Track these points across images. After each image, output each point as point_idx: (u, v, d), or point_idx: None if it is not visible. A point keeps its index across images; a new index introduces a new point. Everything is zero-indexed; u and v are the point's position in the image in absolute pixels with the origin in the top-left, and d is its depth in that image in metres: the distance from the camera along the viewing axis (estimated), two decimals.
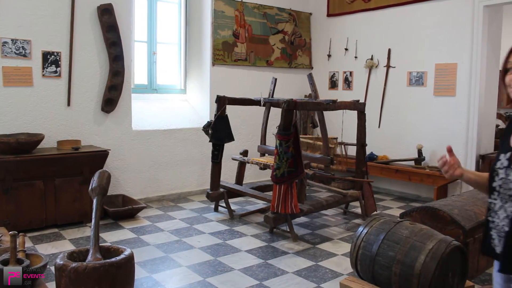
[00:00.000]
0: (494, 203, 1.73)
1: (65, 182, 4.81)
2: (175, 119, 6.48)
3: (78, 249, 2.97)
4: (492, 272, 3.80)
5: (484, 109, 5.85)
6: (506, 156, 1.71)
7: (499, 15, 5.93)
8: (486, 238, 1.79)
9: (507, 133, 1.83)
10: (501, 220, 1.69)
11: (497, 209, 1.71)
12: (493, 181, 1.74)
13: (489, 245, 1.76)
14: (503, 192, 1.69)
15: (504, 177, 1.69)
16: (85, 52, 5.37)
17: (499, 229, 1.70)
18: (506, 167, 1.69)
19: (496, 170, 1.73)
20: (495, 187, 1.73)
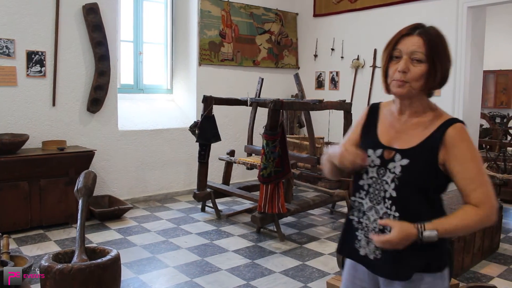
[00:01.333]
0: (362, 202, 1.63)
1: (50, 183, 4.76)
2: (161, 119, 6.45)
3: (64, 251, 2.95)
4: (476, 270, 3.86)
5: (468, 108, 5.92)
6: (376, 153, 1.59)
7: (482, 16, 6.01)
8: (347, 237, 1.69)
9: (371, 124, 1.70)
10: (371, 222, 1.59)
11: (366, 209, 1.61)
12: (360, 179, 1.64)
13: (351, 245, 1.66)
14: (373, 192, 1.59)
15: (375, 177, 1.58)
16: (70, 52, 5.32)
17: (368, 231, 1.60)
18: (378, 166, 1.58)
19: (365, 168, 1.60)
20: (362, 185, 1.62)
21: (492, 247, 4.33)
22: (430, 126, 1.54)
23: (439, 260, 1.57)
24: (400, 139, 1.58)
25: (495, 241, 4.39)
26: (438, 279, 1.57)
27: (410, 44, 1.50)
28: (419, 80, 1.50)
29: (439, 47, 1.51)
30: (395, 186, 1.53)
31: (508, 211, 5.76)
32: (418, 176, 1.51)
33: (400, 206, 1.53)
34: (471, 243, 3.90)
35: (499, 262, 4.14)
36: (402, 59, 1.50)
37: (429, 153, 1.51)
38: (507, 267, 4.03)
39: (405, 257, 1.52)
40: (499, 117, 8.36)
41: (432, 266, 1.55)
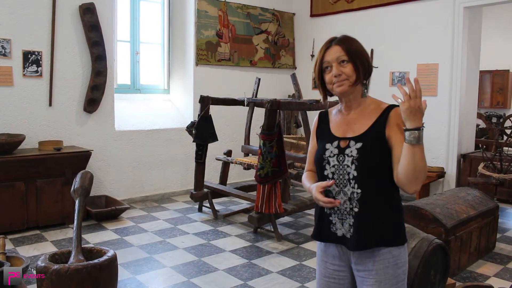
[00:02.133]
0: (329, 189, 1.82)
1: (46, 183, 4.75)
2: (158, 119, 6.45)
3: (60, 251, 2.94)
4: (473, 270, 3.87)
5: (464, 108, 5.93)
6: (333, 145, 1.85)
7: (478, 16, 6.03)
8: (321, 224, 1.88)
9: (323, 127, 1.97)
10: (342, 204, 1.79)
11: (335, 195, 1.81)
12: (324, 170, 1.86)
13: (327, 230, 1.85)
14: (338, 178, 1.81)
15: (337, 164, 1.81)
16: (67, 52, 5.31)
17: (341, 213, 1.80)
18: (337, 155, 1.82)
19: (325, 159, 1.85)
20: (327, 174, 1.84)
21: (489, 247, 4.35)
22: (375, 113, 1.83)
23: (401, 234, 1.80)
24: (351, 129, 1.85)
25: (492, 241, 4.40)
26: (402, 251, 1.80)
27: (334, 53, 1.84)
28: (353, 75, 1.81)
29: (353, 46, 1.86)
30: (355, 166, 1.77)
31: (504, 211, 5.78)
32: (372, 153, 1.76)
33: (361, 183, 1.76)
34: (467, 242, 3.91)
35: (495, 262, 4.15)
36: (333, 67, 1.82)
37: (378, 133, 1.78)
38: (503, 267, 4.04)
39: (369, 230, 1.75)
40: (495, 117, 8.39)
41: (396, 240, 1.78)
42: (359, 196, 1.75)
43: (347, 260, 1.85)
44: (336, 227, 1.82)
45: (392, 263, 1.76)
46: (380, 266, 1.76)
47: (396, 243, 1.78)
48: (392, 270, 1.76)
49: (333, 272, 1.89)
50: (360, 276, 1.80)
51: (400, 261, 1.78)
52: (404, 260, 1.80)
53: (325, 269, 1.91)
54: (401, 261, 1.79)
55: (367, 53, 1.90)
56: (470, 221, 3.92)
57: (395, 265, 1.77)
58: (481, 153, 5.50)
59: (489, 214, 4.25)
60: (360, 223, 1.76)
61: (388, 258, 1.76)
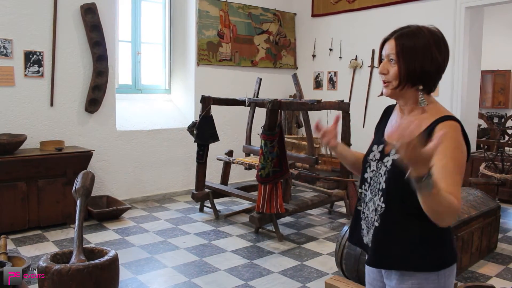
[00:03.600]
0: (365, 194, 1.73)
1: (48, 183, 4.76)
2: (159, 119, 6.45)
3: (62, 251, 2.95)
4: (474, 270, 3.87)
5: (466, 108, 5.93)
6: (379, 148, 1.71)
7: (480, 16, 6.02)
8: (355, 227, 1.80)
9: (382, 123, 1.83)
10: (370, 212, 1.69)
11: (367, 200, 1.72)
12: (365, 172, 1.75)
13: (358, 234, 1.78)
14: (373, 184, 1.69)
15: (375, 170, 1.68)
16: (68, 52, 5.31)
17: (368, 221, 1.71)
18: (377, 160, 1.69)
19: (368, 162, 1.73)
20: (366, 178, 1.73)
21: (490, 247, 4.34)
22: (424, 123, 1.59)
23: (428, 260, 1.58)
24: None
25: (493, 241, 4.39)
26: (433, 276, 1.59)
27: (387, 48, 1.63)
28: (395, 79, 1.61)
29: (409, 44, 1.58)
30: (385, 178, 1.61)
31: (506, 211, 5.77)
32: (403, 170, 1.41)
33: (386, 197, 1.60)
34: (469, 242, 3.91)
35: (497, 262, 4.15)
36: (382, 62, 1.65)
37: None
38: (505, 267, 4.03)
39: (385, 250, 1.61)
40: (496, 117, 8.38)
41: (418, 266, 1.58)
42: (382, 211, 1.62)
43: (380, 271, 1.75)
44: (363, 233, 1.75)
45: (416, 286, 1.59)
46: (404, 287, 1.61)
47: (419, 269, 1.59)
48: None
49: (373, 281, 1.81)
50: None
51: (428, 286, 1.59)
52: (434, 286, 1.59)
53: (368, 276, 1.84)
54: (429, 286, 1.59)
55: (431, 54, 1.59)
56: (472, 221, 3.91)
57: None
58: (482, 153, 5.50)
59: (490, 214, 4.25)
60: (376, 240, 1.64)
61: (412, 281, 1.59)
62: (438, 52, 1.61)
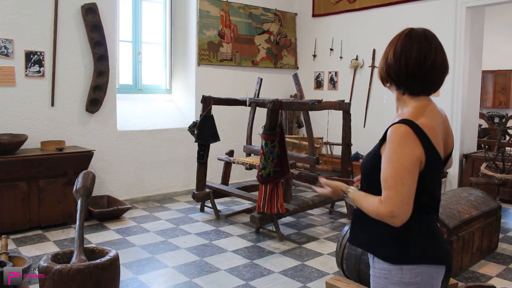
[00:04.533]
0: None
1: (49, 183, 4.76)
2: (160, 119, 6.45)
3: (62, 251, 2.95)
4: (475, 270, 3.87)
5: (467, 109, 5.93)
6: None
7: (481, 16, 6.02)
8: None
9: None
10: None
11: None
12: None
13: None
14: None
15: None
16: (69, 52, 5.32)
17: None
18: None
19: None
20: None
21: (491, 247, 4.34)
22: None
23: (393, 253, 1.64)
24: None
25: (494, 241, 4.39)
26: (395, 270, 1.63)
27: None
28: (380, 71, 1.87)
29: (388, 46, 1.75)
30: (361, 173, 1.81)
31: (507, 211, 5.77)
32: (366, 166, 1.75)
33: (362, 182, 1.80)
34: (470, 242, 3.90)
35: (497, 262, 4.15)
36: None
37: (376, 147, 1.70)
38: (506, 267, 4.03)
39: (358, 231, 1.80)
40: (497, 117, 8.38)
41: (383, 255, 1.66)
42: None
43: None
44: None
45: (383, 276, 1.66)
46: (373, 273, 1.72)
47: (384, 258, 1.65)
48: (383, 282, 1.66)
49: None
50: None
51: (392, 278, 1.63)
52: (397, 279, 1.62)
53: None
54: (393, 279, 1.63)
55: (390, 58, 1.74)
56: (472, 221, 3.91)
57: (386, 278, 1.65)
58: (483, 153, 5.50)
59: (491, 214, 4.24)
60: (353, 220, 1.83)
61: (380, 268, 1.67)
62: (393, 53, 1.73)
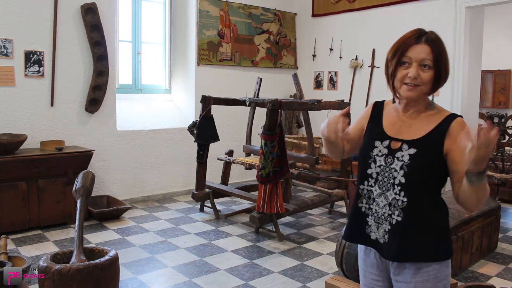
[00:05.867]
0: (371, 190, 1.75)
1: (48, 183, 4.76)
2: (160, 119, 6.45)
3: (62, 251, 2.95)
4: (475, 270, 3.86)
5: (466, 108, 5.92)
6: (383, 144, 1.74)
7: (480, 16, 6.01)
8: (356, 224, 1.81)
9: (376, 118, 1.85)
10: (381, 207, 1.72)
11: (375, 196, 1.73)
12: (368, 168, 1.76)
13: (362, 231, 1.78)
14: (382, 180, 1.72)
15: (383, 165, 1.72)
16: (68, 52, 5.31)
17: (378, 216, 1.73)
18: (385, 155, 1.72)
19: (372, 157, 1.75)
20: (371, 173, 1.75)
21: (491, 247, 4.34)
22: (434, 120, 1.70)
23: (445, 249, 1.70)
24: (406, 132, 1.73)
25: (493, 241, 4.39)
26: (444, 266, 1.70)
27: (420, 52, 1.65)
28: (428, 84, 1.67)
29: (442, 52, 1.68)
30: (404, 173, 1.66)
31: (507, 211, 5.77)
32: (425, 163, 1.65)
33: (408, 191, 1.65)
34: (469, 242, 3.90)
35: (497, 262, 4.15)
36: (412, 66, 1.66)
37: (435, 143, 1.65)
38: (505, 266, 4.03)
39: (409, 243, 1.67)
40: (497, 117, 8.37)
41: (438, 256, 1.68)
42: (404, 205, 1.66)
43: (385, 270, 1.79)
44: (371, 229, 1.76)
45: (432, 277, 1.67)
46: (419, 279, 1.67)
47: (438, 258, 1.68)
48: (431, 284, 1.67)
49: (372, 282, 1.84)
50: (398, 287, 1.74)
51: (441, 275, 1.69)
52: (446, 273, 1.70)
53: (365, 278, 1.87)
54: (443, 275, 1.69)
55: (449, 61, 1.73)
56: (472, 221, 3.91)
57: (435, 278, 1.68)
58: None
59: (491, 214, 4.25)
60: (401, 234, 1.68)
61: (429, 271, 1.67)
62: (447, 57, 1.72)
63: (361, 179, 1.81)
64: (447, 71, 1.69)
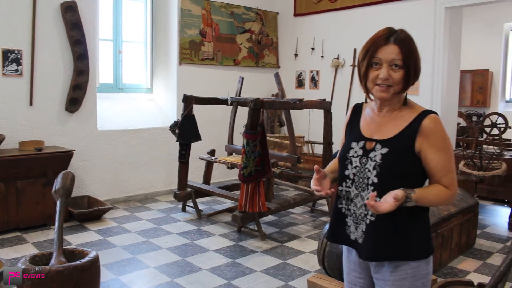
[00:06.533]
0: (349, 191, 1.77)
1: (27, 184, 4.69)
2: (141, 118, 6.41)
3: (41, 253, 2.92)
4: (454, 266, 3.93)
5: (445, 107, 6.01)
6: (359, 144, 1.76)
7: (459, 16, 6.10)
8: (337, 225, 1.83)
9: (354, 121, 1.87)
10: (358, 208, 1.74)
11: (352, 197, 1.76)
12: (345, 169, 1.78)
13: (342, 232, 1.80)
14: (358, 180, 1.73)
15: (359, 166, 1.73)
16: (48, 50, 5.24)
17: (356, 217, 1.75)
18: (360, 156, 1.73)
19: (349, 159, 1.77)
20: (348, 175, 1.77)
21: (469, 243, 4.42)
22: (407, 118, 1.71)
23: (422, 248, 1.72)
24: (380, 131, 1.74)
25: (472, 237, 4.47)
26: (423, 264, 1.71)
27: (389, 53, 1.65)
28: (400, 84, 1.67)
29: (412, 51, 1.68)
30: (376, 173, 1.68)
31: (484, 208, 5.88)
32: (396, 162, 1.67)
33: (381, 191, 1.64)
34: (448, 239, 3.97)
35: (475, 257, 4.23)
36: (383, 67, 1.66)
37: (407, 141, 1.67)
38: (483, 262, 4.11)
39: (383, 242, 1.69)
40: (475, 116, 8.51)
41: (415, 255, 1.69)
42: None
43: (367, 268, 1.80)
44: (350, 229, 1.78)
45: (410, 275, 1.69)
46: (397, 277, 1.69)
47: (415, 257, 1.69)
48: (409, 282, 1.69)
49: (355, 279, 1.85)
50: (378, 285, 1.76)
51: (420, 273, 1.70)
52: (424, 272, 1.71)
53: (349, 275, 1.89)
54: (421, 273, 1.70)
55: (419, 57, 1.72)
56: (451, 218, 3.98)
57: (413, 276, 1.69)
58: (461, 151, 5.58)
59: (469, 211, 4.32)
60: (374, 233, 1.69)
61: (406, 269, 1.69)
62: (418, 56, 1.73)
63: (340, 181, 1.83)
64: (417, 70, 1.70)
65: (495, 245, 4.59)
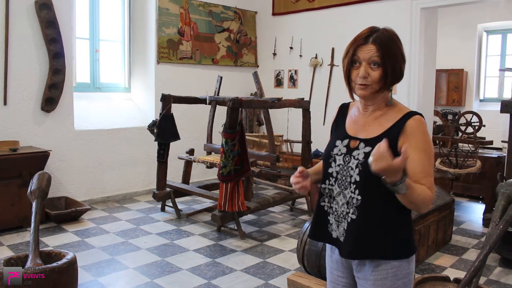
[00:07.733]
0: (331, 189, 1.78)
1: (2, 185, 4.59)
2: (119, 118, 6.34)
3: (17, 255, 2.87)
4: (431, 262, 3.99)
5: (422, 106, 6.10)
6: (343, 143, 1.77)
7: (434, 17, 6.21)
8: (319, 223, 1.83)
9: (340, 120, 1.88)
10: (340, 206, 1.74)
11: (335, 195, 1.76)
12: (329, 167, 1.79)
13: (325, 230, 1.80)
14: (341, 178, 1.74)
15: (342, 164, 1.74)
16: (22, 49, 5.14)
17: (338, 215, 1.75)
18: (344, 154, 1.74)
19: (333, 156, 1.77)
20: (331, 173, 1.78)
21: (445, 239, 4.50)
22: (392, 118, 1.72)
23: (404, 248, 1.71)
24: (364, 130, 1.75)
25: (448, 233, 4.56)
26: (405, 264, 1.71)
27: (367, 52, 1.66)
28: (379, 82, 1.68)
29: (391, 49, 1.68)
30: (358, 171, 1.68)
31: (460, 204, 6.00)
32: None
33: (362, 190, 1.66)
34: (426, 236, 4.03)
35: (451, 253, 4.31)
36: (362, 66, 1.68)
37: (390, 141, 1.61)
38: (459, 258, 4.19)
39: (364, 241, 1.68)
40: (451, 114, 8.66)
41: (396, 254, 1.69)
42: (358, 203, 1.68)
43: (349, 267, 1.81)
44: (332, 227, 1.78)
45: (391, 274, 1.69)
46: (378, 277, 1.69)
47: (396, 256, 1.69)
48: (390, 282, 1.69)
49: (337, 278, 1.86)
50: (360, 284, 1.76)
51: (401, 273, 1.70)
52: (406, 271, 1.71)
53: (331, 274, 1.89)
54: (402, 273, 1.70)
55: (403, 57, 1.73)
56: (428, 215, 4.04)
57: (394, 276, 1.69)
58: (437, 149, 5.68)
59: (445, 208, 4.40)
60: (355, 232, 1.69)
61: (387, 268, 1.69)
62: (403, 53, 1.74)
63: (323, 178, 1.83)
64: (396, 68, 1.69)
65: (470, 241, 4.69)
